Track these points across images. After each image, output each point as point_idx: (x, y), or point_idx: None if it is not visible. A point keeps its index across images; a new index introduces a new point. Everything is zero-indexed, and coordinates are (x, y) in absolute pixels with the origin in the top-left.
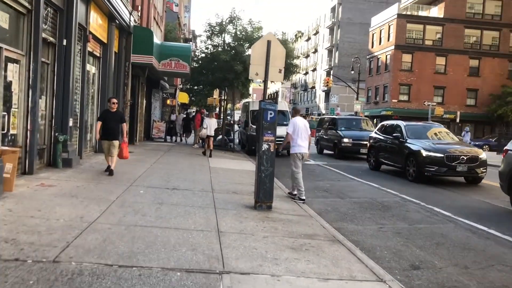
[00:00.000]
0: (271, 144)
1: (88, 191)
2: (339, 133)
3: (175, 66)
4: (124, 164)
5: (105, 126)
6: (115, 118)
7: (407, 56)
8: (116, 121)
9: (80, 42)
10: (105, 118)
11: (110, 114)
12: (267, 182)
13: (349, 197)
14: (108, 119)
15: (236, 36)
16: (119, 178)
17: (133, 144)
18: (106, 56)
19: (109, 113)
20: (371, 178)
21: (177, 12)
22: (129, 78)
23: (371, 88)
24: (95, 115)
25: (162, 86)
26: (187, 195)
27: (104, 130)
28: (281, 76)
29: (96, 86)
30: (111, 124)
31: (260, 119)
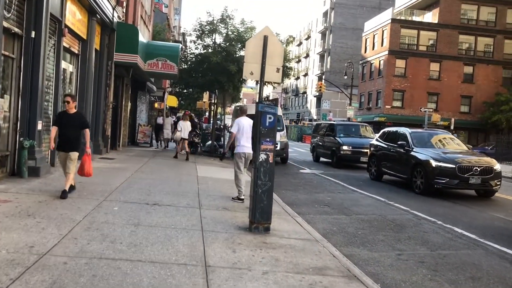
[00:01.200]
0: (270, 154)
1: (50, 208)
2: (338, 140)
3: (162, 66)
4: (100, 174)
5: (61, 133)
6: (74, 123)
7: (400, 62)
8: (75, 126)
9: (54, 36)
10: (61, 122)
11: (67, 118)
12: (264, 199)
13: (355, 213)
14: (65, 124)
15: (228, 37)
16: (91, 191)
17: (115, 149)
18: (86, 54)
19: (66, 116)
20: (374, 189)
21: (167, 13)
22: (111, 78)
23: (364, 94)
24: None
25: (149, 88)
26: (169, 213)
27: (60, 138)
28: (279, 76)
29: (74, 86)
30: (68, 131)
31: (257, 124)
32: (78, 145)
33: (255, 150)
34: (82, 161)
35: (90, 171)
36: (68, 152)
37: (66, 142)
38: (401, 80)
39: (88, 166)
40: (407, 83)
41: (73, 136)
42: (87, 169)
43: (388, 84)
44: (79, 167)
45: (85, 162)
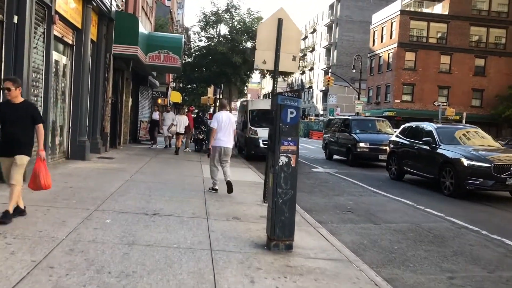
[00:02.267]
0: (292, 157)
1: (28, 223)
2: (354, 137)
3: (164, 59)
4: (95, 176)
5: (3, 131)
6: (20, 116)
7: (410, 55)
8: (22, 121)
9: (43, 23)
10: (2, 117)
11: (11, 110)
12: (286, 211)
13: (384, 221)
14: (7, 118)
15: (233, 27)
16: (81, 198)
17: (115, 148)
18: (81, 45)
19: (8, 107)
20: (398, 191)
21: (170, 7)
22: (110, 71)
23: (372, 88)
24: (66, 114)
25: (151, 83)
26: (172, 225)
27: (1, 138)
28: (295, 65)
29: (68, 79)
30: (13, 127)
31: (276, 120)
32: (27, 147)
33: (273, 151)
34: (35, 169)
35: (48, 182)
36: (13, 156)
37: (9, 142)
38: (410, 74)
39: (44, 176)
40: (417, 76)
41: (20, 134)
42: (43, 180)
43: (397, 77)
44: (30, 178)
45: (39, 171)
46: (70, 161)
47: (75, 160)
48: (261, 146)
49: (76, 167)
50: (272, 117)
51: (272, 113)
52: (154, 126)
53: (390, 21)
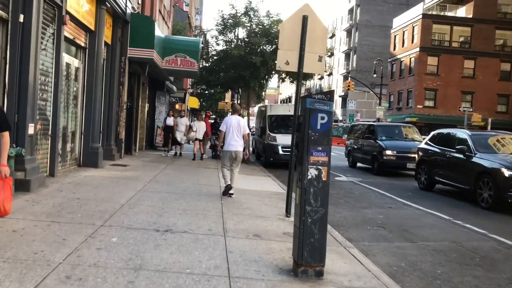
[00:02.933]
0: (323, 169)
1: (23, 242)
2: (380, 144)
3: (181, 63)
4: (106, 186)
5: None
6: None
7: (432, 59)
8: None
9: (53, 24)
10: None
11: None
12: (316, 232)
13: (420, 239)
14: None
15: (252, 30)
16: (88, 212)
17: (130, 154)
18: (94, 47)
19: None
20: (430, 203)
21: (187, 12)
22: (125, 76)
23: (394, 93)
24: (78, 119)
25: (168, 88)
26: (185, 245)
27: None
28: (322, 66)
29: (80, 83)
30: None
31: (304, 127)
32: None
33: (301, 162)
34: None
35: (7, 207)
36: None
37: None
38: (433, 79)
39: (3, 199)
40: (439, 81)
41: None
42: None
43: (419, 82)
44: None
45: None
46: (82, 169)
47: (87, 168)
48: (280, 153)
49: (87, 175)
50: (299, 122)
51: (299, 118)
52: (168, 133)
53: (411, 25)
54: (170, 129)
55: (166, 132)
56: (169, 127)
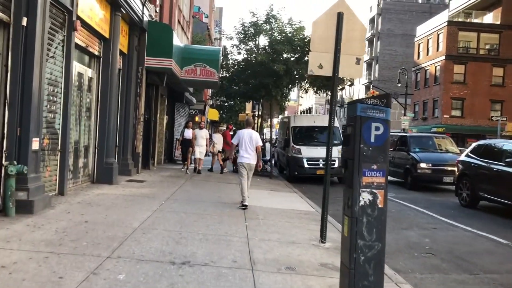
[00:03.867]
0: (379, 193)
1: (9, 284)
2: (413, 156)
3: (201, 73)
4: (119, 205)
5: None
6: None
7: (459, 67)
8: None
9: (62, 30)
10: None
11: None
12: (370, 273)
13: (481, 270)
14: None
15: (274, 39)
16: (95, 238)
17: (148, 168)
18: (108, 56)
19: None
20: (478, 222)
21: (207, 23)
22: (142, 86)
23: (418, 103)
24: (92, 133)
25: (188, 100)
26: (205, 283)
27: None
28: (359, 69)
29: (94, 94)
30: None
31: (354, 139)
32: None
33: (350, 185)
34: None
35: None
36: None
37: None
38: (460, 87)
39: None
40: (467, 90)
41: None
42: None
43: (446, 91)
44: None
45: None
46: (95, 186)
47: (101, 184)
48: (305, 167)
49: (100, 193)
50: (346, 134)
51: (346, 129)
52: (187, 146)
53: (436, 33)
54: (188, 143)
55: (184, 146)
56: (187, 140)
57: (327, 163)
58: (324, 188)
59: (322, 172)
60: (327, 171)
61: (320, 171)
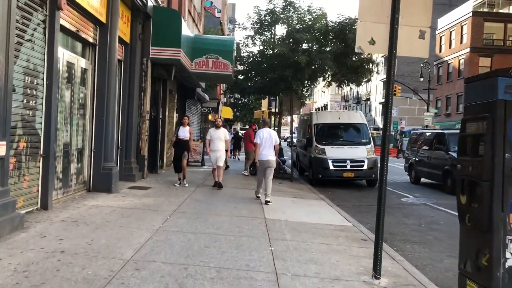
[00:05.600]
0: None
1: None
2: (454, 156)
3: (213, 65)
4: (111, 224)
5: None
6: None
7: (485, 60)
8: None
9: (43, 8)
10: None
11: None
12: None
13: None
14: None
15: (293, 28)
16: (65, 282)
17: (155, 172)
18: (105, 44)
19: None
20: None
21: (220, 18)
22: (147, 80)
23: (441, 98)
24: (87, 133)
25: (200, 97)
26: None
27: None
28: (425, 46)
29: (89, 88)
30: None
31: (492, 142)
32: None
33: (481, 228)
34: None
35: None
36: None
37: None
38: None
39: None
40: None
41: None
42: None
43: None
44: None
45: None
46: (91, 195)
47: (97, 193)
48: (331, 169)
49: (93, 205)
50: (467, 134)
51: (463, 124)
52: (183, 149)
53: (459, 25)
54: (184, 145)
55: (178, 149)
56: (182, 141)
57: (383, 170)
58: (378, 207)
59: (350, 174)
60: (382, 185)
61: (347, 174)
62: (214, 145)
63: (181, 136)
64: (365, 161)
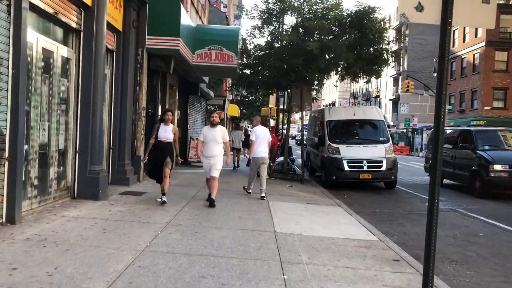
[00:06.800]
0: None
1: None
2: (483, 155)
3: (217, 57)
4: (86, 242)
5: None
6: None
7: (501, 54)
8: None
9: None
10: None
11: None
12: None
13: None
14: None
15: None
16: None
17: None
18: (91, 30)
19: None
20: None
21: (226, 13)
22: (143, 73)
23: (454, 94)
24: (71, 132)
25: (204, 93)
26: None
27: None
28: (491, 12)
29: (73, 80)
30: None
31: None
32: None
33: None
34: None
35: None
36: None
37: None
38: (502, 76)
39: None
40: (510, 79)
41: None
42: None
43: (486, 81)
44: None
45: None
46: (75, 203)
47: (82, 201)
48: (346, 170)
49: (73, 216)
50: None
51: None
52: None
53: None
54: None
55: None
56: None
57: (434, 182)
58: (428, 224)
59: (367, 176)
60: (433, 206)
61: (364, 175)
62: (208, 148)
63: (162, 137)
64: (383, 161)
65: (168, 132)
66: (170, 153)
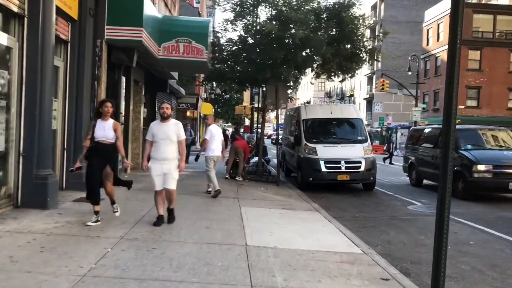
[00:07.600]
0: None
1: None
2: (465, 155)
3: (185, 50)
4: (15, 267)
5: None
6: None
7: (474, 53)
8: None
9: None
10: None
11: None
12: None
13: None
14: None
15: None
16: None
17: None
18: (38, 16)
19: None
20: None
21: (198, 8)
22: (101, 67)
23: (428, 93)
24: (13, 131)
25: (174, 90)
26: None
27: None
28: None
29: (16, 73)
30: None
31: None
32: None
33: None
34: None
35: None
36: None
37: None
38: (475, 75)
39: None
40: (483, 78)
41: None
42: None
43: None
44: None
45: None
46: (17, 212)
47: (27, 210)
48: (323, 171)
49: (8, 230)
50: None
51: None
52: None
53: (447, 17)
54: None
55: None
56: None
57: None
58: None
59: (345, 177)
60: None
61: (342, 176)
62: (159, 149)
63: (100, 137)
64: (362, 162)
65: (107, 130)
66: (111, 158)
